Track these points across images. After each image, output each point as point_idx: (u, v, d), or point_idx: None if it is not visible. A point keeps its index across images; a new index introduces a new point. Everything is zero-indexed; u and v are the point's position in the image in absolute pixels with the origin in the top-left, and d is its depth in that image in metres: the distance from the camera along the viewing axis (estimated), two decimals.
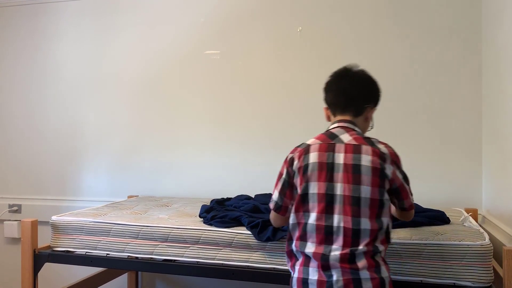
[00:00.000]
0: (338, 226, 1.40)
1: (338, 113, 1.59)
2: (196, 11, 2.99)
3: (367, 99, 1.58)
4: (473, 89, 2.53)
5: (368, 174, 1.40)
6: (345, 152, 1.44)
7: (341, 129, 1.52)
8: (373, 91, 1.60)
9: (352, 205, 1.39)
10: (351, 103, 1.56)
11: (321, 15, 2.78)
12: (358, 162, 1.41)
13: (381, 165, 1.42)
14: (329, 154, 1.45)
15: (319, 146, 1.48)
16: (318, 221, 1.42)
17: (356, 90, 1.56)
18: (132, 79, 3.10)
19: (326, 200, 1.42)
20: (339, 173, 1.42)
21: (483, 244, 1.62)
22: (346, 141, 1.46)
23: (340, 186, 1.41)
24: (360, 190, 1.39)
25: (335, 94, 1.59)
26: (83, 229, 2.10)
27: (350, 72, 1.60)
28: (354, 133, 1.50)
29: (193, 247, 1.94)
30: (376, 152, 1.43)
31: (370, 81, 1.60)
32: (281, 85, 2.84)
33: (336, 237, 1.39)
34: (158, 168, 3.05)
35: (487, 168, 2.41)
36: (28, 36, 3.31)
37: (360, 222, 1.38)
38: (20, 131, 3.33)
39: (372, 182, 1.40)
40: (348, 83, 1.57)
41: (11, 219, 3.30)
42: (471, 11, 2.54)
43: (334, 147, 1.46)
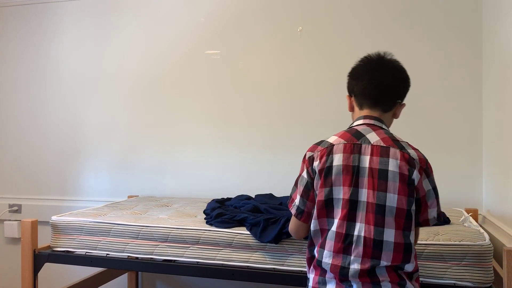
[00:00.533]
0: (359, 235, 1.27)
1: (366, 107, 1.42)
2: (196, 10, 2.99)
3: (400, 94, 1.43)
4: (474, 89, 2.53)
5: (396, 181, 1.27)
6: (371, 155, 1.30)
7: (367, 127, 1.37)
8: (407, 85, 1.45)
9: (376, 214, 1.26)
10: (383, 97, 1.40)
11: (322, 15, 2.77)
12: (385, 167, 1.28)
13: (410, 171, 1.28)
14: (354, 156, 1.32)
15: (344, 147, 1.33)
16: (339, 228, 1.30)
17: (391, 83, 1.40)
18: (133, 79, 3.10)
19: (350, 207, 1.29)
20: (364, 178, 1.29)
21: (483, 245, 1.62)
22: (373, 142, 1.32)
23: (365, 192, 1.28)
24: (385, 198, 1.26)
25: (367, 84, 1.40)
26: (83, 229, 2.10)
27: (385, 61, 1.43)
28: (382, 133, 1.35)
29: (193, 247, 1.94)
30: (405, 156, 1.29)
31: (405, 75, 1.44)
32: (281, 85, 2.83)
33: (356, 247, 1.27)
34: (158, 168, 3.05)
35: (488, 168, 2.41)
36: (28, 36, 3.31)
37: (383, 233, 1.26)
38: (20, 130, 3.33)
39: (399, 190, 1.27)
40: (383, 73, 1.40)
41: (11, 219, 3.30)
42: (471, 11, 2.54)
43: (360, 148, 1.32)
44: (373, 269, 1.27)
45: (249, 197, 2.51)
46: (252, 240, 1.86)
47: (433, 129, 2.59)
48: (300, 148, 2.77)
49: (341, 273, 1.28)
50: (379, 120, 1.40)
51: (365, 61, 1.46)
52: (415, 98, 2.61)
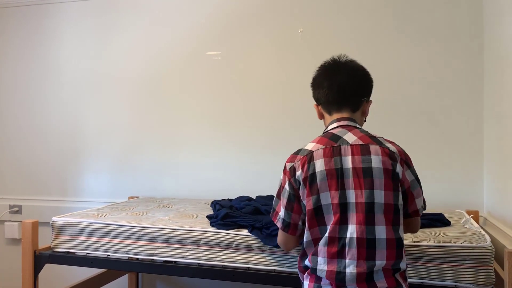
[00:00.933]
0: (351, 237, 1.26)
1: (334, 111, 1.43)
2: (197, 12, 2.99)
3: (363, 92, 1.45)
4: (475, 90, 2.53)
5: (381, 177, 1.28)
6: (353, 154, 1.30)
7: (342, 128, 1.38)
8: (369, 83, 1.46)
9: (366, 212, 1.26)
10: (348, 99, 1.42)
11: (322, 17, 2.77)
12: (368, 164, 1.28)
13: (393, 165, 1.29)
14: (336, 159, 1.31)
15: (324, 151, 1.32)
16: (331, 233, 1.28)
17: (352, 84, 1.41)
18: (133, 80, 3.10)
19: (341, 210, 1.28)
20: (349, 179, 1.29)
21: (484, 246, 1.62)
22: (352, 142, 1.32)
23: (352, 193, 1.28)
24: (373, 196, 1.27)
25: (328, 91, 1.42)
26: (83, 230, 2.10)
27: (341, 64, 1.45)
28: (358, 131, 1.36)
29: (194, 249, 1.94)
30: (386, 151, 1.30)
31: (364, 72, 1.46)
32: (282, 86, 2.83)
33: (349, 249, 1.26)
34: (159, 169, 3.05)
35: (489, 170, 2.40)
36: (28, 37, 3.31)
37: (374, 231, 1.26)
38: (21, 131, 3.33)
39: (385, 185, 1.27)
40: (341, 77, 1.42)
41: (12, 219, 3.30)
42: (472, 11, 2.53)
43: (340, 150, 1.32)
44: (370, 274, 1.26)
45: (250, 198, 2.51)
46: (252, 241, 1.86)
47: (433, 130, 2.59)
48: None
49: (338, 278, 1.27)
50: (352, 120, 1.42)
51: (322, 68, 1.48)
52: (416, 100, 2.61)
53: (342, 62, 1.46)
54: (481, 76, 2.52)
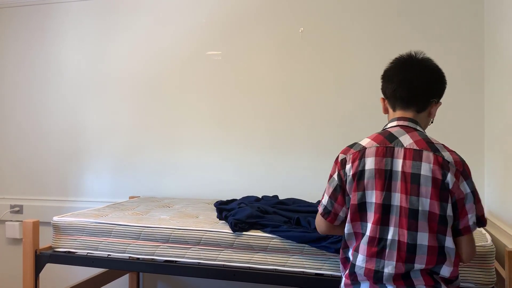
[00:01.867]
0: (393, 239, 1.27)
1: (398, 108, 1.41)
2: (198, 12, 2.99)
3: (433, 93, 1.40)
4: (475, 89, 2.53)
5: (428, 185, 1.25)
6: (404, 158, 1.28)
7: (401, 129, 1.35)
8: (441, 84, 1.42)
9: (409, 218, 1.25)
10: (415, 97, 1.38)
11: (323, 16, 2.77)
12: (417, 171, 1.26)
13: (443, 175, 1.25)
14: (387, 160, 1.30)
15: (376, 150, 1.32)
16: (372, 232, 1.30)
17: (422, 82, 1.37)
18: (134, 80, 3.11)
19: (382, 211, 1.28)
20: (397, 182, 1.28)
21: (485, 246, 1.62)
22: (407, 145, 1.30)
23: (398, 196, 1.27)
24: (418, 203, 1.25)
25: (397, 86, 1.39)
26: (84, 230, 2.10)
27: (415, 61, 1.41)
28: (416, 135, 1.33)
29: (194, 248, 1.94)
30: (439, 160, 1.27)
31: (438, 72, 1.41)
32: (283, 85, 2.83)
33: (390, 251, 1.27)
34: (159, 169, 3.05)
35: (489, 169, 2.40)
36: (30, 37, 3.32)
37: (416, 237, 1.25)
38: (22, 131, 3.33)
39: (431, 194, 1.25)
40: (414, 74, 1.38)
41: (13, 219, 3.31)
42: (473, 13, 2.53)
43: (393, 152, 1.30)
44: (407, 273, 1.27)
45: (257, 198, 2.50)
46: (253, 241, 1.86)
47: (434, 130, 2.57)
48: (303, 149, 2.77)
49: (375, 277, 1.29)
50: (413, 121, 1.38)
51: (396, 62, 1.44)
52: None
53: (417, 58, 1.42)
54: (482, 75, 2.52)
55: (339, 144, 2.73)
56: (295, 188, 2.75)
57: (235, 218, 1.92)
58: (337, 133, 2.74)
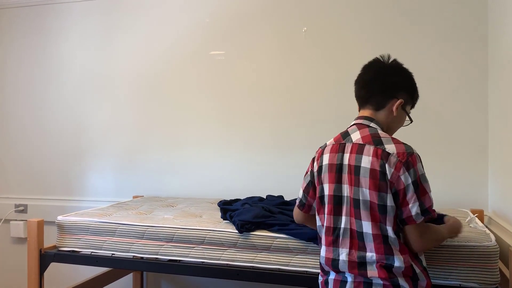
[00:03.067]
0: (345, 227, 1.38)
1: (360, 108, 1.53)
2: (201, 11, 2.99)
3: (390, 91, 1.46)
4: (479, 88, 2.52)
5: (366, 176, 1.33)
6: (351, 152, 1.39)
7: (355, 127, 1.46)
8: (398, 82, 1.47)
9: (354, 208, 1.36)
10: (370, 96, 1.47)
11: (326, 16, 2.77)
12: (358, 163, 1.35)
13: (382, 166, 1.32)
14: (338, 155, 1.42)
15: (332, 147, 1.45)
16: (328, 222, 1.42)
17: (376, 82, 1.46)
18: (137, 79, 3.11)
19: (334, 202, 1.40)
20: (345, 174, 1.39)
21: (489, 246, 1.61)
22: (355, 140, 1.40)
23: (346, 187, 1.38)
24: (359, 193, 1.34)
25: (358, 87, 1.52)
26: (88, 229, 2.11)
27: (376, 64, 1.50)
28: (366, 131, 1.41)
29: (198, 248, 1.94)
30: (378, 152, 1.33)
31: (394, 71, 1.48)
32: (286, 85, 2.83)
33: (343, 239, 1.38)
34: (163, 168, 3.06)
35: (493, 169, 2.39)
36: (32, 37, 3.33)
37: (362, 225, 1.34)
38: (25, 131, 3.34)
39: (369, 185, 1.33)
40: (369, 74, 1.49)
41: (17, 219, 3.32)
42: (477, 12, 2.52)
43: (344, 147, 1.42)
44: (363, 263, 1.34)
45: (261, 198, 2.49)
46: (257, 240, 1.86)
47: (438, 130, 2.58)
48: (306, 149, 2.77)
49: (333, 264, 1.39)
50: (368, 119, 1.47)
51: (363, 67, 1.55)
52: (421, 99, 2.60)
53: (379, 61, 1.50)
54: (486, 76, 2.51)
55: None
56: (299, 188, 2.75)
57: (241, 219, 1.91)
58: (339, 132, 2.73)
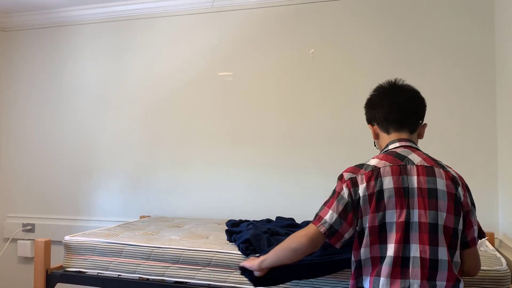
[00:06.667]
0: (415, 256, 1.26)
1: (393, 131, 1.45)
2: (209, 33, 3.04)
3: (421, 115, 1.48)
4: (488, 111, 2.51)
5: (445, 199, 1.29)
6: (418, 175, 1.31)
7: (405, 148, 1.38)
8: (425, 106, 1.50)
9: (430, 233, 1.26)
10: (407, 119, 1.44)
11: (334, 38, 2.80)
12: (433, 186, 1.29)
13: (455, 189, 1.31)
14: (403, 178, 1.31)
15: (391, 169, 1.32)
16: (396, 252, 1.27)
17: (411, 105, 1.45)
18: (146, 99, 3.15)
19: (404, 229, 1.28)
20: (414, 198, 1.29)
21: (500, 270, 1.59)
22: (417, 162, 1.33)
23: (416, 212, 1.28)
24: (437, 216, 1.27)
25: (389, 109, 1.44)
26: (95, 250, 2.11)
27: (399, 86, 1.49)
28: (421, 153, 1.38)
29: (205, 269, 1.93)
30: (449, 175, 1.33)
31: (421, 96, 1.49)
32: (293, 106, 2.85)
33: (413, 269, 1.26)
34: (170, 188, 3.06)
35: (504, 191, 2.36)
36: (44, 57, 3.39)
37: (438, 252, 1.26)
38: (34, 150, 3.38)
39: (448, 208, 1.28)
40: (402, 97, 1.45)
41: (25, 238, 3.33)
42: (483, 26, 2.54)
43: (406, 169, 1.32)
44: None
45: (269, 219, 2.48)
46: None
47: (447, 152, 2.57)
48: (313, 169, 2.76)
49: None
50: (412, 142, 1.44)
51: (380, 90, 1.51)
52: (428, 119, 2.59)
53: (400, 84, 1.50)
54: (494, 95, 2.51)
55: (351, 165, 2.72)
56: (307, 209, 2.74)
57: (242, 241, 1.90)
58: (348, 153, 2.73)
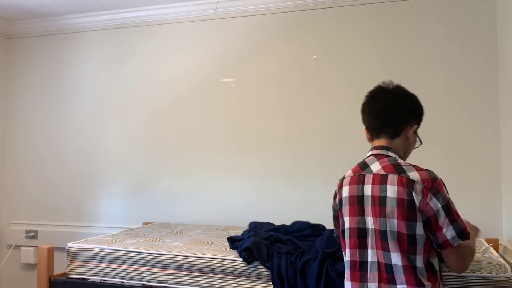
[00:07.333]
0: (372, 261, 1.32)
1: (374, 137, 1.49)
2: (212, 40, 3.05)
3: (404, 119, 1.45)
4: (491, 118, 2.51)
5: (393, 206, 1.29)
6: (373, 183, 1.35)
7: (373, 157, 1.43)
8: (411, 108, 1.47)
9: (381, 240, 1.31)
10: (385, 126, 1.45)
11: (336, 44, 2.80)
12: (383, 193, 1.32)
13: (408, 195, 1.29)
14: (358, 186, 1.38)
15: (351, 179, 1.41)
16: (352, 257, 1.36)
17: (390, 111, 1.45)
18: (149, 106, 3.16)
19: (358, 235, 1.35)
20: (368, 206, 1.35)
21: (505, 277, 1.58)
22: (375, 171, 1.37)
23: (370, 219, 1.34)
24: (386, 224, 1.30)
25: (369, 117, 1.49)
26: (98, 257, 2.11)
27: (383, 92, 1.49)
28: (386, 160, 1.39)
29: (208, 276, 1.92)
30: (403, 180, 1.31)
31: (405, 98, 1.47)
32: (296, 112, 2.85)
33: (371, 273, 1.32)
34: (173, 194, 3.06)
35: (508, 197, 2.35)
36: (47, 65, 3.41)
37: (390, 258, 1.29)
38: (38, 157, 3.39)
39: (397, 215, 1.29)
40: (381, 104, 1.46)
41: (28, 245, 3.33)
42: (487, 36, 2.54)
43: (364, 179, 1.38)
44: None
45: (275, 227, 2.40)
46: (267, 270, 1.84)
47: (451, 158, 2.56)
48: (315, 175, 2.76)
49: None
50: (385, 149, 1.44)
51: (368, 95, 1.53)
52: (433, 127, 2.59)
53: (385, 88, 1.50)
54: (497, 101, 2.50)
55: None
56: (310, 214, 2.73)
57: (243, 249, 1.90)
58: (351, 161, 2.72)
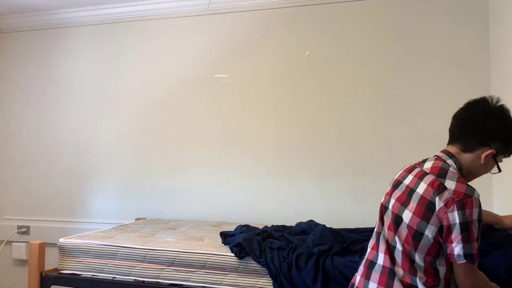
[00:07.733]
0: (384, 235, 1.42)
1: (449, 142, 1.47)
2: (206, 35, 3.04)
3: (484, 138, 1.37)
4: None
5: (415, 201, 1.33)
6: (414, 176, 1.40)
7: (433, 157, 1.44)
8: (496, 130, 1.37)
9: (393, 222, 1.39)
10: (462, 137, 1.41)
11: (330, 40, 2.81)
12: (415, 188, 1.36)
13: (432, 197, 1.30)
14: (406, 175, 1.44)
15: (406, 167, 1.49)
16: (376, 228, 1.47)
17: (473, 124, 1.39)
18: (142, 102, 3.14)
19: (383, 211, 1.46)
20: (398, 191, 1.42)
21: None
22: (423, 168, 1.41)
23: (393, 202, 1.42)
24: (402, 212, 1.37)
25: (453, 121, 1.46)
26: (90, 252, 2.10)
27: (479, 104, 1.42)
28: (439, 163, 1.39)
29: (200, 272, 1.93)
30: (435, 183, 1.31)
31: (496, 118, 1.38)
32: (289, 108, 2.85)
33: (381, 243, 1.41)
34: (166, 190, 3.06)
35: (498, 198, 2.37)
36: (40, 59, 3.38)
37: (395, 241, 1.37)
38: (30, 152, 3.36)
39: (415, 210, 1.33)
40: (469, 115, 1.42)
41: (20, 240, 3.31)
42: (479, 42, 2.55)
43: (413, 170, 1.43)
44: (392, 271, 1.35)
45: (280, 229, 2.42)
46: (258, 265, 1.84)
47: None
48: (308, 172, 2.76)
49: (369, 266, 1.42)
50: (449, 155, 1.41)
51: (468, 101, 1.47)
52: (424, 123, 2.61)
53: (483, 102, 1.42)
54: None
55: (347, 168, 2.74)
56: (302, 212, 2.74)
57: (234, 245, 1.91)
58: (345, 156, 2.73)
